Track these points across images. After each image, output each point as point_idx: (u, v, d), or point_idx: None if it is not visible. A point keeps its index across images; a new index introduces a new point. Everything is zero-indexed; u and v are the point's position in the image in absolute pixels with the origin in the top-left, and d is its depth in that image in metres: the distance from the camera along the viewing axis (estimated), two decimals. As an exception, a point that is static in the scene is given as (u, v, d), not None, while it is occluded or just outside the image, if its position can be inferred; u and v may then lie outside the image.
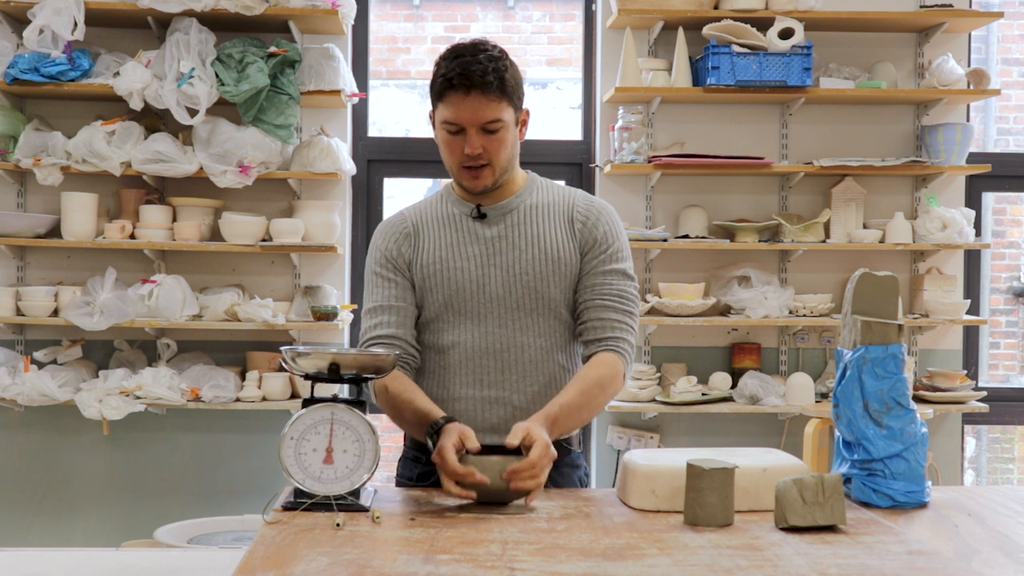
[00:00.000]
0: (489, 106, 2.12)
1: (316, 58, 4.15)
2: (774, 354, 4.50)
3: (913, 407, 1.97)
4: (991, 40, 7.43)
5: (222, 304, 4.10)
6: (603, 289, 2.22)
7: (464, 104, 2.11)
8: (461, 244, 2.23)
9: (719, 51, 4.12)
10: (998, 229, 7.75)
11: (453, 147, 2.17)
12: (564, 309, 2.24)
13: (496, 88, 2.11)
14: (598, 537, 1.67)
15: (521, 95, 2.20)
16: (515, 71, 2.18)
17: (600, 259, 2.24)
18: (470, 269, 2.21)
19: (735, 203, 4.47)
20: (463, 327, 2.21)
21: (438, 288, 2.22)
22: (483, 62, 2.10)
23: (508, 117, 2.15)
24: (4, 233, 4.08)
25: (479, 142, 2.13)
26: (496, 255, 2.22)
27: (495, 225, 2.23)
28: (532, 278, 2.20)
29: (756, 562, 1.53)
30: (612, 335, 2.20)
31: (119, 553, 2.08)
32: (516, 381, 2.21)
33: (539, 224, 2.24)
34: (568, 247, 2.23)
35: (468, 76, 2.09)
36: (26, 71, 3.99)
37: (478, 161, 2.15)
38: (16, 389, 4.04)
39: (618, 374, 2.19)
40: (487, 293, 2.20)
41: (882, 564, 1.53)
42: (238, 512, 4.18)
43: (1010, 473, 7.70)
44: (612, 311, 2.21)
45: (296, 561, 1.51)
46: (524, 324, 2.21)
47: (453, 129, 2.14)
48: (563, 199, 2.29)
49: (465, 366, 2.22)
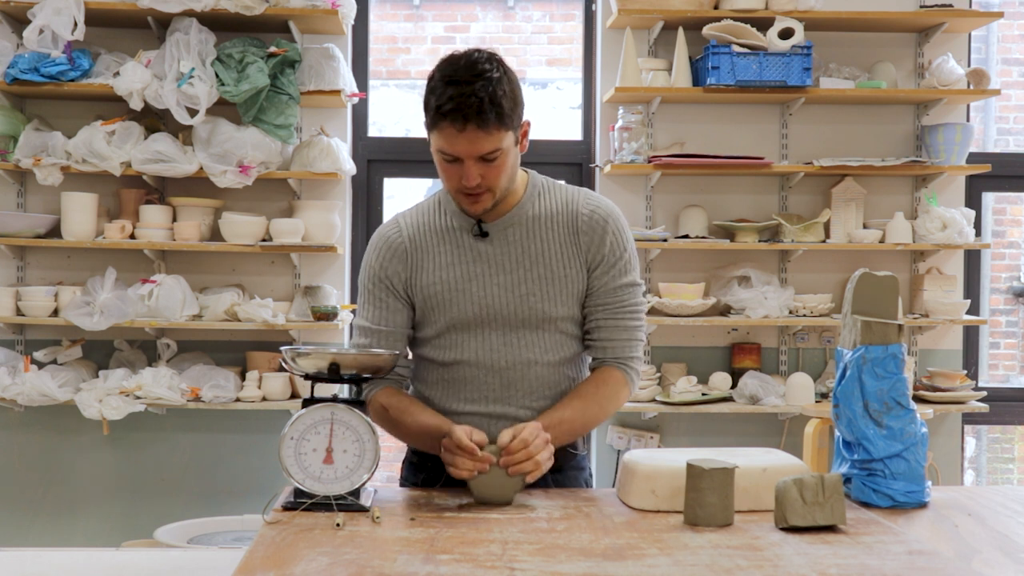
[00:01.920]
0: (487, 139, 1.99)
1: (316, 58, 4.15)
2: (774, 354, 4.50)
3: (913, 407, 1.97)
4: (991, 40, 7.43)
5: (222, 304, 4.10)
6: (614, 307, 2.18)
7: (460, 138, 1.99)
8: (463, 263, 2.17)
9: (719, 51, 4.12)
10: (998, 229, 7.75)
11: (450, 174, 2.07)
12: (571, 324, 2.20)
13: (494, 120, 1.98)
14: (598, 537, 1.67)
15: (521, 113, 2.08)
16: (513, 89, 2.04)
17: (610, 275, 2.18)
18: (472, 290, 2.16)
19: (735, 203, 4.47)
20: (467, 344, 2.18)
21: (441, 308, 2.17)
22: (479, 92, 1.95)
23: (507, 143, 2.04)
24: (4, 233, 4.08)
25: (476, 171, 2.03)
26: (499, 274, 2.16)
27: (497, 242, 2.17)
28: (538, 299, 2.16)
29: (756, 562, 1.53)
30: (622, 355, 2.20)
31: (119, 553, 2.08)
32: (521, 398, 2.18)
33: (542, 240, 2.17)
34: (574, 264, 2.17)
35: (462, 108, 1.95)
36: (26, 71, 3.99)
37: (476, 189, 2.06)
38: (16, 389, 4.04)
39: (621, 391, 2.20)
40: (491, 312, 2.16)
41: (882, 564, 1.53)
42: (238, 512, 4.17)
43: (1010, 473, 7.70)
44: (623, 330, 2.19)
45: (296, 561, 1.51)
46: (529, 341, 2.17)
47: (449, 158, 2.04)
48: (565, 206, 2.20)
49: (470, 383, 2.19)
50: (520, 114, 2.08)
